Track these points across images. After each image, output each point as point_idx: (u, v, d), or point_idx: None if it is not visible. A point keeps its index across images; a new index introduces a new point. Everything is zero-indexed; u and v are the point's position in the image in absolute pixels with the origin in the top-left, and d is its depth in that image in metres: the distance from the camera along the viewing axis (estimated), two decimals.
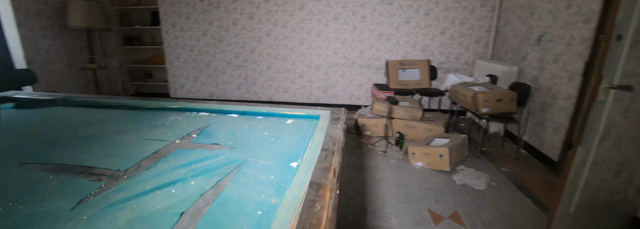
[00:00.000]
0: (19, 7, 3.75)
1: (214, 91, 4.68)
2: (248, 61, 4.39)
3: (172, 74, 4.72)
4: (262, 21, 4.16)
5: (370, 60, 4.09)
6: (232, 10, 4.16)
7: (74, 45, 4.46)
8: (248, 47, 4.32)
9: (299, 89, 4.41)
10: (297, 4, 4.00)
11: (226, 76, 4.54)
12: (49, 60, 4.12)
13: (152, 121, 1.63)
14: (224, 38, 4.33)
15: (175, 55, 4.59)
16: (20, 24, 3.78)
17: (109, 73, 4.96)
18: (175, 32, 4.44)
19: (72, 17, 4.01)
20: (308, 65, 4.26)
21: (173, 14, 4.34)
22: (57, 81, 4.25)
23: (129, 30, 4.88)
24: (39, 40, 3.99)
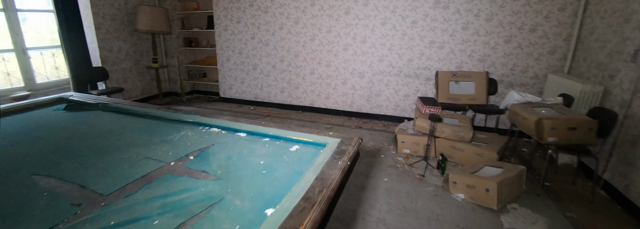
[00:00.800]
0: (98, 12, 4.23)
1: (259, 93, 4.75)
2: (292, 65, 4.36)
3: (222, 74, 4.92)
4: (307, 26, 4.07)
5: (419, 69, 3.73)
6: (279, 14, 4.15)
7: (141, 46, 4.91)
8: (293, 51, 4.27)
9: (341, 97, 4.24)
10: (343, 9, 3.82)
11: (270, 79, 4.57)
12: (119, 59, 4.59)
13: (164, 135, 1.63)
14: (270, 42, 4.35)
15: (225, 57, 4.76)
16: (98, 28, 4.26)
17: (170, 72, 5.37)
18: (227, 35, 4.60)
19: (140, 22, 4.40)
20: (351, 72, 4.06)
21: (225, 18, 4.50)
22: (125, 77, 4.73)
23: (188, 32, 5.22)
24: (112, 42, 4.47)
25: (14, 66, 3.91)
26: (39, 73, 4.19)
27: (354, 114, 4.26)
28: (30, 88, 4.03)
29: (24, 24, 3.98)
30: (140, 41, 4.88)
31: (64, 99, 2.35)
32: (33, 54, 4.07)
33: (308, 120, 4.17)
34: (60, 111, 2.12)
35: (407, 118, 3.90)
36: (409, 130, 3.17)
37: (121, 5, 4.51)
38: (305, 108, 4.52)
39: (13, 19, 3.79)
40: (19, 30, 3.86)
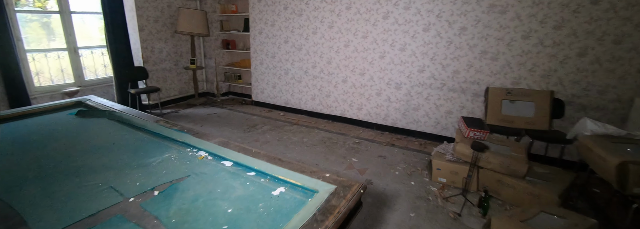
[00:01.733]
0: (142, 15, 4.36)
1: (289, 99, 4.56)
2: (324, 72, 4.08)
3: (255, 78, 4.82)
4: (342, 30, 3.76)
5: (466, 83, 3.22)
6: (313, 18, 3.90)
7: (181, 48, 5.01)
8: (325, 57, 4.00)
9: (374, 108, 3.86)
10: (381, 13, 3.44)
11: (302, 85, 4.35)
12: (160, 59, 4.72)
13: (146, 156, 1.47)
14: (303, 47, 4.13)
15: (259, 60, 4.65)
16: (141, 29, 4.40)
17: (207, 72, 5.43)
18: (261, 38, 4.48)
19: (180, 24, 4.46)
20: (387, 82, 3.66)
21: (260, 21, 4.38)
22: (165, 77, 4.85)
23: (226, 35, 5.22)
24: (154, 43, 4.60)
25: (67, 63, 4.18)
26: (89, 70, 4.46)
27: (388, 129, 3.86)
28: (80, 84, 4.29)
29: (81, 24, 4.25)
30: (180, 43, 4.98)
31: (81, 104, 2.34)
32: (84, 53, 4.33)
33: (337, 132, 3.87)
34: (71, 116, 2.09)
35: (449, 138, 3.40)
36: (447, 155, 2.71)
37: (164, 8, 4.62)
38: (336, 118, 4.22)
39: (67, 21, 4.05)
40: (72, 30, 4.12)
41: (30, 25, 3.96)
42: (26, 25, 3.91)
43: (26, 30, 3.86)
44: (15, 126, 1.86)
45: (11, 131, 1.79)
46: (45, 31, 4.12)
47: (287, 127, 4.02)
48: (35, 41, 4.06)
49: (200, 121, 4.25)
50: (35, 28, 4.07)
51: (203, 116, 4.45)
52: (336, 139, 3.62)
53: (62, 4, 3.96)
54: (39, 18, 4.03)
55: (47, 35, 4.13)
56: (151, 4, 4.43)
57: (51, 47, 4.10)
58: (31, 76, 3.88)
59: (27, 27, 3.90)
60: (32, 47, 3.91)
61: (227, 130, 3.87)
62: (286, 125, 4.09)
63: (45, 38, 4.13)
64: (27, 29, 3.94)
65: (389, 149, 3.36)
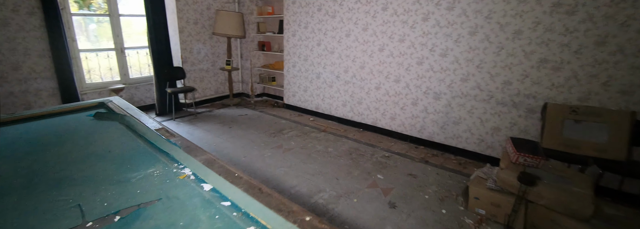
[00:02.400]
0: (182, 17, 4.48)
1: (320, 104, 4.37)
2: (356, 77, 3.82)
3: (287, 81, 4.71)
4: (377, 33, 3.46)
5: (519, 96, 2.73)
6: (346, 20, 3.66)
7: (219, 49, 5.08)
8: (358, 61, 3.73)
9: (409, 119, 3.51)
10: (420, 14, 3.07)
11: (333, 90, 4.13)
12: (198, 60, 4.83)
13: (130, 170, 1.37)
14: (336, 50, 3.90)
15: (291, 63, 4.53)
16: (181, 31, 4.52)
17: (243, 73, 5.47)
18: (294, 40, 4.35)
19: (217, 26, 4.51)
20: (425, 91, 3.28)
21: (294, 23, 4.24)
22: (202, 77, 4.96)
23: (262, 36, 5.19)
24: (193, 44, 4.71)
25: (115, 62, 4.45)
26: (134, 69, 4.72)
27: (423, 143, 3.47)
28: (125, 82, 4.54)
29: (127, 26, 4.50)
30: (218, 44, 5.05)
31: (103, 105, 2.38)
32: (131, 53, 4.58)
33: (366, 142, 3.58)
34: (89, 118, 2.11)
35: (494, 159, 2.94)
36: (489, 181, 2.30)
37: (203, 10, 4.71)
38: (367, 127, 3.93)
39: (115, 23, 4.30)
40: (120, 32, 4.36)
41: (85, 26, 4.29)
42: (80, 27, 4.23)
43: (79, 31, 4.17)
44: (32, 126, 1.90)
45: (27, 131, 1.83)
46: (97, 33, 4.42)
47: (314, 133, 3.82)
48: (89, 42, 4.39)
49: (229, 122, 4.24)
50: (88, 29, 4.40)
51: (233, 117, 4.45)
52: (364, 151, 3.34)
53: (112, 8, 4.20)
54: (92, 21, 4.34)
55: (97, 37, 4.44)
56: (191, 6, 4.53)
57: (101, 47, 4.39)
58: (83, 74, 4.18)
59: (80, 28, 4.22)
60: (85, 47, 4.22)
61: (253, 133, 3.79)
62: (313, 131, 3.90)
63: (96, 39, 4.44)
64: (80, 30, 4.26)
65: (421, 167, 2.99)
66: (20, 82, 3.53)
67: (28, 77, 3.56)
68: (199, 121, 4.30)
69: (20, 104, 3.57)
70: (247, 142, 3.52)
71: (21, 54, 3.48)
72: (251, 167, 2.92)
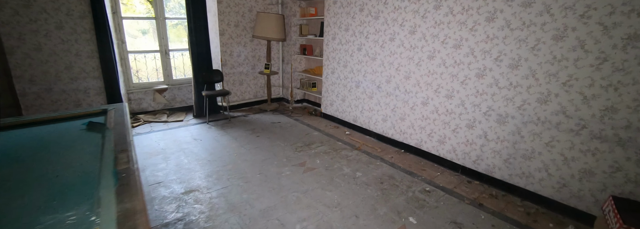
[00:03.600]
0: (223, 20, 4.37)
1: (358, 116, 3.85)
2: (400, 89, 3.21)
3: (325, 88, 4.29)
4: (427, 37, 2.81)
5: (630, 130, 1.87)
6: (391, 21, 3.07)
7: (260, 52, 4.89)
8: (403, 70, 3.12)
9: (462, 145, 2.80)
10: (485, 13, 2.35)
11: (373, 102, 3.58)
12: (238, 63, 4.69)
13: (47, 211, 1.08)
14: (378, 56, 3.34)
15: (330, 69, 4.09)
16: (222, 33, 4.41)
17: (283, 78, 5.20)
18: (334, 44, 3.90)
19: (257, 29, 4.30)
20: (486, 111, 2.55)
21: (334, 25, 3.79)
22: (241, 80, 4.82)
23: (304, 39, 4.85)
24: (233, 47, 4.58)
25: (159, 63, 4.54)
26: (178, 71, 4.78)
27: (479, 177, 2.73)
28: (169, 83, 4.61)
29: (172, 29, 4.57)
30: (259, 47, 4.86)
31: (105, 112, 2.24)
32: (176, 55, 4.64)
33: (404, 168, 2.97)
34: (80, 127, 1.95)
35: (582, 215, 2.11)
36: None
37: (245, 12, 4.54)
38: (409, 148, 3.29)
39: (161, 26, 4.37)
40: (165, 34, 4.43)
41: (134, 27, 4.45)
42: (129, 28, 4.39)
43: (129, 32, 4.32)
44: (13, 135, 1.80)
45: (5, 140, 1.71)
46: (145, 34, 4.55)
47: (346, 151, 3.33)
48: (137, 43, 4.55)
49: (259, 129, 3.98)
50: (138, 31, 4.56)
51: (266, 124, 4.18)
52: (399, 180, 2.74)
53: (158, 11, 4.26)
54: (141, 23, 4.47)
55: (146, 38, 4.57)
56: (233, 8, 4.39)
57: (148, 49, 4.51)
58: (131, 74, 4.33)
59: (130, 30, 4.37)
60: (134, 49, 4.36)
61: (278, 145, 3.45)
62: (345, 149, 3.41)
63: (144, 40, 4.57)
64: (130, 31, 4.43)
65: (472, 212, 2.30)
66: (72, 81, 3.72)
67: (78, 76, 3.75)
68: (231, 126, 4.13)
69: (71, 101, 3.77)
70: (269, 155, 3.19)
71: (73, 55, 3.66)
72: (261, 188, 2.56)
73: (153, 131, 3.93)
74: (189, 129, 3.99)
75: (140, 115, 4.38)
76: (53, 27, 3.49)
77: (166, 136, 3.73)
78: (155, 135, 3.77)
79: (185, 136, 3.73)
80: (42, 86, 3.57)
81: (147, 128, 4.03)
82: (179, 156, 3.15)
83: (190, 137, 3.70)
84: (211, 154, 3.22)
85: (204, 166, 2.95)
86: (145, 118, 4.30)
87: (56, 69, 3.61)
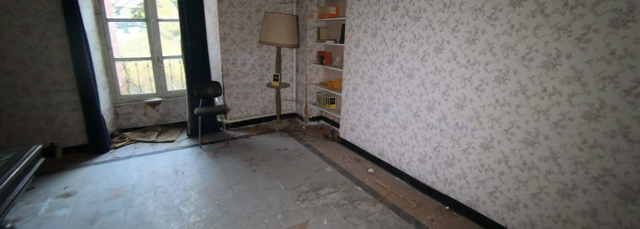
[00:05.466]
0: (225, 21, 3.60)
1: (386, 150, 2.91)
2: (449, 122, 2.23)
3: (345, 108, 3.39)
4: (494, 48, 1.81)
5: None
6: (438, 24, 2.10)
7: (269, 60, 4.08)
8: (454, 96, 2.14)
9: (549, 220, 1.77)
10: (611, 11, 1.33)
11: (407, 135, 2.62)
12: (243, 73, 3.92)
13: None
14: (416, 73, 2.38)
15: (352, 85, 3.18)
16: (224, 38, 3.66)
17: (297, 90, 4.36)
18: (357, 54, 2.98)
19: (263, 32, 3.49)
20: (597, 176, 1.52)
21: (358, 29, 2.87)
22: (246, 93, 4.04)
23: (322, 45, 3.97)
24: (237, 54, 3.81)
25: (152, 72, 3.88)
26: (176, 80, 4.10)
27: None
28: (162, 95, 3.95)
29: (165, 33, 3.87)
30: (268, 54, 4.05)
31: None
32: (172, 63, 3.96)
33: None
34: None
35: None
36: None
37: (252, 13, 3.75)
38: (458, 207, 2.30)
39: (153, 29, 3.70)
40: (157, 39, 3.75)
41: (121, 32, 3.81)
42: (118, 33, 3.76)
43: (118, 37, 3.69)
44: None
45: None
46: (134, 39, 3.91)
47: (366, 205, 2.41)
48: (126, 50, 3.92)
49: (259, 159, 3.17)
50: (125, 36, 3.92)
51: (269, 152, 3.36)
52: None
53: (149, 12, 3.59)
54: (129, 26, 3.82)
55: (135, 44, 3.92)
56: (237, 8, 3.62)
57: (139, 56, 3.86)
58: (119, 85, 3.70)
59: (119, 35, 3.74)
60: (122, 56, 3.73)
61: (277, 189, 2.61)
62: (366, 200, 2.49)
63: (134, 46, 3.93)
64: (119, 36, 3.80)
65: None
66: (42, 95, 3.13)
67: (50, 89, 3.14)
68: (227, 152, 3.36)
69: (43, 118, 3.18)
70: (260, 206, 2.36)
71: (43, 64, 3.06)
72: None
73: (134, 155, 3.26)
74: (176, 155, 3.27)
75: (127, 133, 3.74)
76: (19, 31, 2.90)
77: (145, 165, 3.04)
78: (134, 162, 3.09)
79: (167, 167, 3.01)
80: (8, 101, 3.00)
81: (130, 150, 3.37)
82: (146, 201, 2.41)
83: (173, 169, 2.97)
84: (186, 199, 2.45)
85: (170, 220, 2.18)
86: (132, 136, 3.66)
87: (23, 81, 3.02)
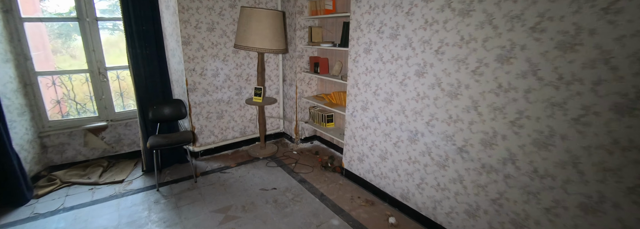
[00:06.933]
0: (188, 20, 2.72)
1: (414, 193, 2.14)
2: (519, 165, 1.48)
3: (350, 131, 2.59)
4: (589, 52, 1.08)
5: None
6: (506, 20, 1.34)
7: (248, 68, 3.23)
8: (530, 127, 1.39)
9: None
10: None
11: (447, 176, 1.86)
12: (215, 86, 3.05)
13: None
14: (465, 91, 1.62)
15: (360, 102, 2.39)
16: (187, 42, 2.77)
17: (285, 105, 3.53)
18: (369, 62, 2.19)
19: (240, 34, 2.65)
20: None
21: (370, 28, 2.08)
22: (220, 112, 3.16)
23: (315, 50, 3.17)
24: (207, 62, 2.94)
25: (99, 89, 2.94)
26: (128, 98, 3.18)
27: None
28: (107, 118, 3.02)
29: (109, 38, 2.88)
30: (247, 61, 3.21)
31: None
32: (122, 75, 3.04)
33: None
34: None
35: None
36: None
37: (225, 8, 2.90)
38: None
39: (90, 32, 2.78)
40: (98, 44, 2.83)
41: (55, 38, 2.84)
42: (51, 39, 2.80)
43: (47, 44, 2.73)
44: None
45: None
46: (63, 46, 2.95)
47: None
48: (66, 59, 2.96)
49: (239, 207, 2.33)
50: (66, 41, 2.96)
51: (252, 195, 2.52)
52: None
53: (84, 8, 2.67)
54: (58, 29, 2.87)
55: (64, 53, 2.96)
56: (204, 3, 2.75)
57: (70, 67, 2.91)
58: (45, 107, 2.75)
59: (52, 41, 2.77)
60: (58, 67, 2.78)
61: None
62: None
63: (65, 56, 2.97)
64: (60, 41, 2.84)
65: None
66: None
67: None
68: (195, 197, 2.48)
69: None
70: None
71: None
72: None
73: (63, 208, 2.34)
74: (123, 206, 2.37)
75: (60, 172, 2.79)
76: None
77: (75, 226, 2.13)
78: (56, 223, 2.17)
79: (105, 227, 2.12)
80: None
81: (60, 199, 2.46)
82: None
83: None
84: None
85: None
86: (65, 177, 2.71)
87: None
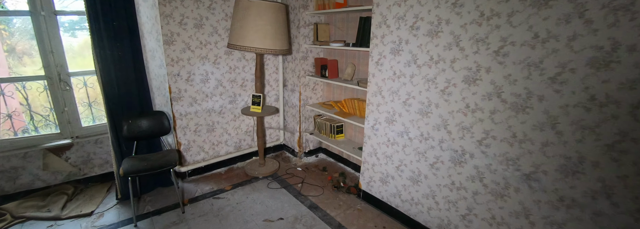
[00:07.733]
0: (171, 15, 2.24)
1: (458, 225, 1.74)
2: (614, 199, 1.09)
3: (371, 147, 2.17)
4: None
5: None
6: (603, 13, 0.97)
7: (243, 72, 2.78)
8: (631, 158, 1.01)
9: None
10: None
11: (507, 207, 1.46)
12: (205, 94, 2.57)
13: None
14: (537, 104, 1.23)
15: (385, 114, 1.98)
16: (169, 41, 2.28)
17: (286, 114, 3.09)
18: (397, 65, 1.78)
19: (235, 31, 2.19)
20: None
21: (399, 23, 1.67)
22: (211, 124, 2.69)
23: (322, 50, 2.75)
24: (194, 65, 2.46)
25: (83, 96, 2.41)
26: (97, 109, 2.66)
27: None
28: (72, 134, 2.49)
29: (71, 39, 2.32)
30: (243, 64, 2.75)
31: None
32: (90, 81, 2.53)
33: None
34: None
35: None
36: None
37: (216, 0, 2.43)
38: None
39: (47, 29, 2.26)
40: (58, 45, 2.31)
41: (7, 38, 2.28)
42: None
43: None
44: None
45: None
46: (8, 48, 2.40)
47: None
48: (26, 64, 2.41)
49: None
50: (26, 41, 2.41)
51: (254, 226, 2.06)
52: None
53: (37, 0, 2.15)
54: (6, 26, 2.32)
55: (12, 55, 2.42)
56: None
57: (22, 73, 2.37)
58: None
59: None
60: (16, 72, 2.24)
61: None
62: None
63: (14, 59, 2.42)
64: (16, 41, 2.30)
65: None
66: None
67: None
68: None
69: None
70: None
71: None
72: None
73: None
74: None
75: (11, 204, 2.26)
76: None
77: None
78: None
79: None
80: None
81: None
82: None
83: None
84: None
85: None
86: (18, 210, 2.19)
87: None
